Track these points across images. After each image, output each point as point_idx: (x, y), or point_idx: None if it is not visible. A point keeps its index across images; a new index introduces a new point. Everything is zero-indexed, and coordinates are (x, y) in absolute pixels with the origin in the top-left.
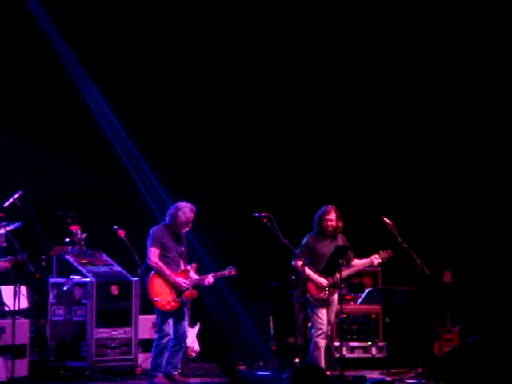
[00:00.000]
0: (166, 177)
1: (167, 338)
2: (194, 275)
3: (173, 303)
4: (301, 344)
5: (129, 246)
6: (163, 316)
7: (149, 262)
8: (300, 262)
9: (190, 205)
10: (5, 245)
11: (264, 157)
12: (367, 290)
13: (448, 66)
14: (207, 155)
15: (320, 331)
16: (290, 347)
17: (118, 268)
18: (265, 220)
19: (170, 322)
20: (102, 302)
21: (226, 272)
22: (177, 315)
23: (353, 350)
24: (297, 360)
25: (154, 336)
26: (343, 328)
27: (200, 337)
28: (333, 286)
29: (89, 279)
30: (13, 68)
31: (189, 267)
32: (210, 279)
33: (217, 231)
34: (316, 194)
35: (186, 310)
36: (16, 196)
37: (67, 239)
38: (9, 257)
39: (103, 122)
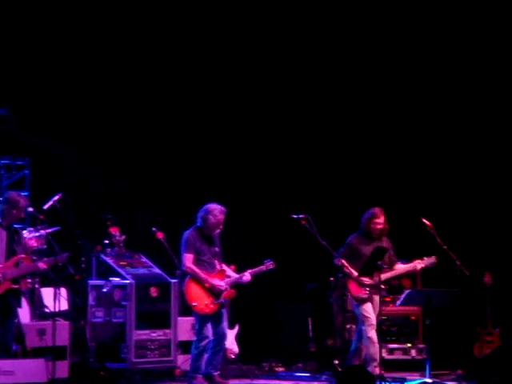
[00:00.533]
0: (204, 178)
1: (206, 341)
2: (233, 274)
3: (211, 306)
4: (339, 346)
5: (167, 247)
6: (202, 319)
7: (183, 268)
8: (342, 261)
9: (219, 206)
10: (45, 247)
11: (304, 157)
12: (407, 292)
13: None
14: (245, 155)
15: (370, 326)
16: (329, 349)
17: (156, 270)
18: (303, 222)
19: (209, 325)
20: (141, 304)
21: (264, 266)
22: (216, 317)
23: (392, 351)
24: (336, 362)
25: (193, 338)
26: (382, 330)
27: (239, 338)
28: (372, 287)
29: (128, 281)
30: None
31: (225, 267)
32: (247, 276)
33: (255, 233)
34: (355, 195)
35: (224, 311)
36: (56, 198)
37: (106, 241)
38: (45, 258)
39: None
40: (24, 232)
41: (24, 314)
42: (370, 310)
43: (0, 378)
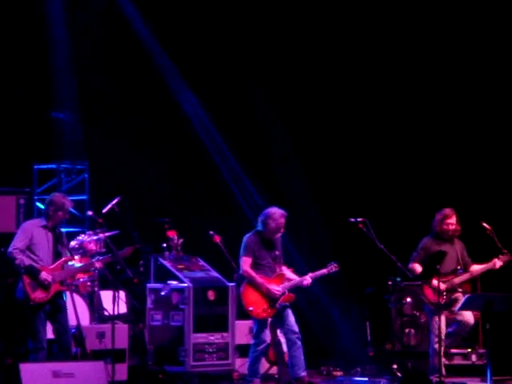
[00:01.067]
0: (262, 182)
1: (263, 345)
2: (294, 277)
3: (268, 310)
4: (398, 350)
5: (224, 251)
6: (259, 323)
7: (241, 272)
8: (416, 265)
9: (280, 210)
10: (104, 250)
11: (362, 161)
12: (467, 297)
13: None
14: (304, 158)
15: (436, 338)
16: (388, 353)
17: (214, 273)
18: (360, 225)
19: (266, 329)
20: (199, 307)
21: (327, 270)
22: (278, 319)
23: (452, 357)
24: (394, 366)
25: (251, 341)
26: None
27: None
28: (450, 291)
29: (186, 284)
30: (117, 82)
31: (286, 270)
32: (308, 280)
33: (314, 236)
34: (412, 199)
35: (288, 311)
36: (114, 202)
37: (164, 245)
38: (98, 257)
39: (201, 132)
40: (83, 235)
41: (83, 316)
42: (442, 323)
43: (61, 381)
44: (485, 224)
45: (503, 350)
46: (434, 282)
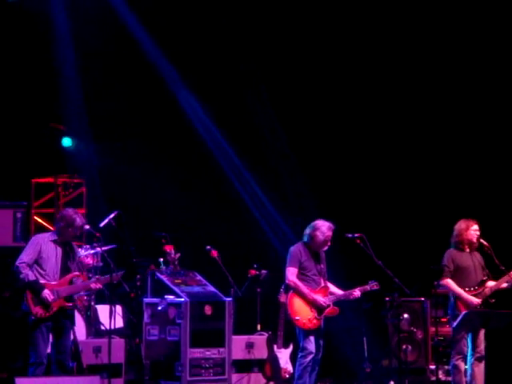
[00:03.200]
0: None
1: (310, 357)
2: (337, 291)
3: (314, 321)
4: (395, 366)
5: (221, 266)
6: (304, 334)
7: (287, 282)
8: (448, 280)
9: (327, 223)
10: (101, 264)
11: (357, 177)
12: (463, 313)
13: None
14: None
15: (459, 355)
16: (384, 369)
17: (211, 288)
18: (358, 241)
19: (312, 339)
20: (196, 322)
21: (369, 286)
22: (317, 333)
23: (449, 373)
24: (391, 383)
25: (247, 357)
26: (439, 351)
27: (294, 358)
28: (483, 304)
29: (183, 299)
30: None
31: (329, 284)
32: (357, 293)
33: None
34: (410, 216)
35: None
36: (111, 216)
37: (161, 259)
38: (99, 277)
39: (206, 136)
40: (80, 250)
41: (80, 331)
42: (465, 340)
43: None
44: (483, 241)
45: (501, 367)
46: (469, 296)
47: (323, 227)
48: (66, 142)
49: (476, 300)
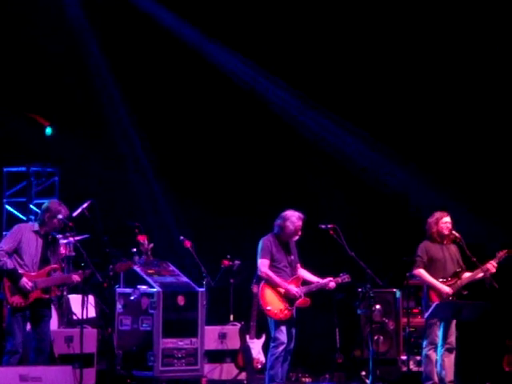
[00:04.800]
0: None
1: (282, 347)
2: (313, 278)
3: (286, 312)
4: (367, 357)
5: (195, 256)
6: (276, 324)
7: (259, 273)
8: (422, 270)
9: (297, 213)
10: (73, 254)
11: (335, 168)
12: (435, 304)
13: None
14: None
15: (432, 345)
16: (356, 360)
17: (184, 278)
18: (331, 232)
19: (284, 329)
20: (169, 312)
21: (340, 279)
22: (289, 323)
23: (420, 363)
24: (363, 373)
25: (220, 347)
26: (410, 342)
27: (266, 348)
28: (456, 295)
29: (155, 289)
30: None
31: (303, 272)
32: (332, 284)
33: None
34: (381, 207)
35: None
36: (84, 206)
37: (134, 249)
38: (80, 271)
39: None
40: None
41: (52, 321)
42: (438, 330)
43: None
44: (455, 232)
45: (471, 358)
46: (442, 286)
47: (293, 217)
48: (48, 131)
49: (448, 288)
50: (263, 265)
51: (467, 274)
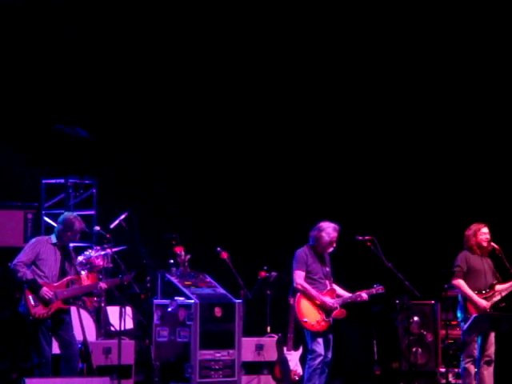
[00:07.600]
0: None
1: (319, 359)
2: (344, 293)
3: (322, 323)
4: (405, 369)
5: (232, 267)
6: (313, 336)
7: (294, 285)
8: (460, 281)
9: (332, 224)
10: (111, 265)
11: (367, 180)
12: (474, 316)
13: None
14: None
15: (470, 358)
16: (394, 372)
17: (221, 290)
18: (368, 243)
19: (320, 341)
20: (206, 324)
21: (374, 290)
22: (326, 335)
23: (459, 376)
24: None
25: (257, 359)
26: (449, 354)
27: (303, 360)
28: (494, 308)
29: (193, 301)
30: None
31: (336, 287)
32: (364, 296)
33: None
34: (420, 218)
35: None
36: (122, 217)
37: (171, 261)
38: (108, 279)
39: None
40: (90, 251)
41: (90, 332)
42: (475, 343)
43: None
44: (493, 244)
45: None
46: (479, 299)
47: (328, 228)
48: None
49: (486, 303)
50: (298, 276)
51: (500, 287)
